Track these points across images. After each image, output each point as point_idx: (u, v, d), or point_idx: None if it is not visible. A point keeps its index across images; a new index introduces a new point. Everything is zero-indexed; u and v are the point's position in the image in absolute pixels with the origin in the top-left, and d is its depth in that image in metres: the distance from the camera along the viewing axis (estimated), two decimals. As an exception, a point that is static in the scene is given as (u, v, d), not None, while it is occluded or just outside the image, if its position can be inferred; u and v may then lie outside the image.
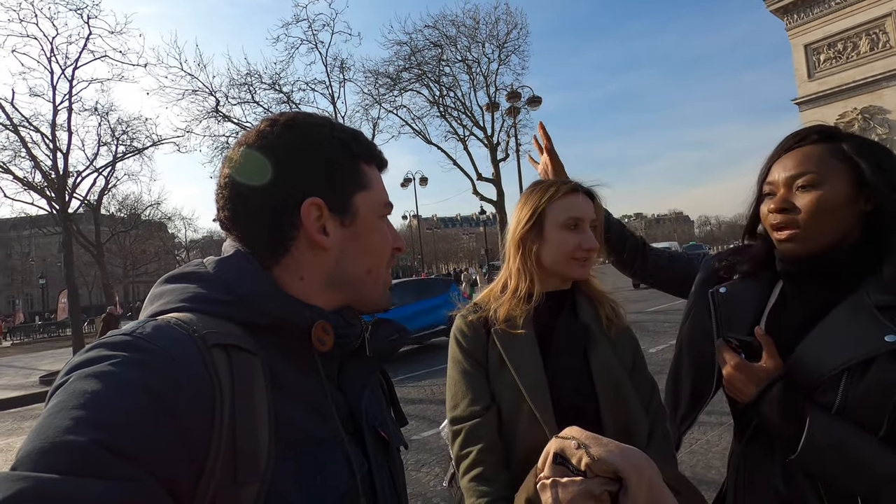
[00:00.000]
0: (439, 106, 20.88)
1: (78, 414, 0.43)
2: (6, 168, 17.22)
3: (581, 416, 1.02)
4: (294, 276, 0.63)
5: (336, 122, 0.70)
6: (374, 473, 0.65)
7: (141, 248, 32.99)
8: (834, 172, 0.93)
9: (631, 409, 1.08)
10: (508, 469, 1.06)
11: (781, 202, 0.97)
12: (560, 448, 0.73)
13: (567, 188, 1.19)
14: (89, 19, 17.02)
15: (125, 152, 20.09)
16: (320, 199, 0.63)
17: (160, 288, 0.61)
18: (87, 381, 0.45)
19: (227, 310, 0.57)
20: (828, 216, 0.92)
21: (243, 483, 0.49)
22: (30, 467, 0.40)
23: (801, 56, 21.82)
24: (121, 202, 28.06)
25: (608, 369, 1.10)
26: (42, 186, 17.87)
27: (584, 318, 1.16)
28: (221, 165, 0.66)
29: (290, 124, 0.65)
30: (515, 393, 1.08)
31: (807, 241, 0.94)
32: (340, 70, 18.28)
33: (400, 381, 7.25)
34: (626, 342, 1.18)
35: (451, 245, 77.94)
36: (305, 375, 0.60)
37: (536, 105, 19.26)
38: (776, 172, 0.99)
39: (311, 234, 0.63)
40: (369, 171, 0.69)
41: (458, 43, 20.60)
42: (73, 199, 18.76)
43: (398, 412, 0.81)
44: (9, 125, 16.56)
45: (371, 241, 0.68)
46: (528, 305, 1.15)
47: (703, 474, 3.53)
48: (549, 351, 1.12)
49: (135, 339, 0.50)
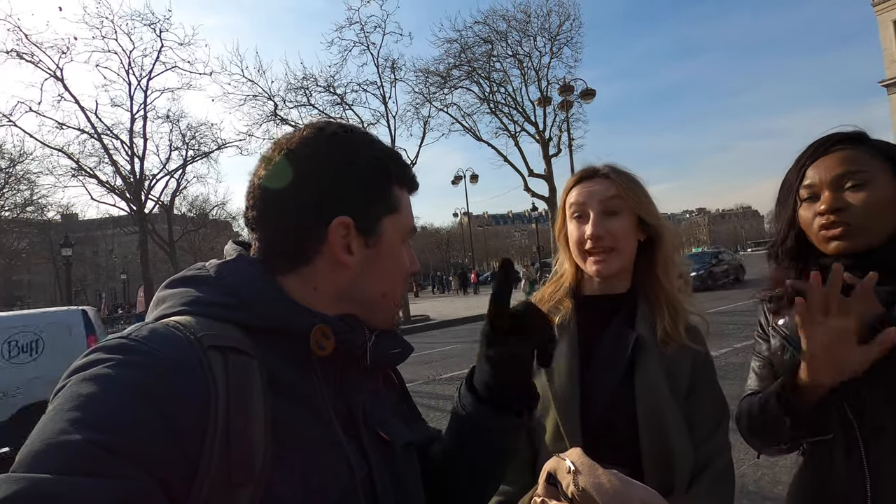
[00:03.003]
0: (490, 102, 20.74)
1: (73, 416, 0.44)
2: (92, 173, 18.92)
3: (614, 438, 0.95)
4: (308, 286, 0.63)
5: (377, 141, 0.70)
6: (374, 475, 0.64)
7: (209, 246, 35.25)
8: (879, 170, 0.94)
9: (675, 441, 0.95)
10: (532, 473, 1.01)
11: (833, 202, 0.94)
12: (554, 468, 0.66)
13: (575, 177, 1.11)
14: (161, 33, 18.37)
15: (194, 156, 21.55)
16: (350, 218, 0.62)
17: (163, 292, 0.62)
18: (83, 385, 0.46)
19: (227, 313, 0.58)
20: (880, 213, 0.92)
21: (238, 484, 0.49)
22: (26, 468, 0.41)
23: (889, 34, 19.81)
24: (191, 203, 30.22)
25: (652, 391, 0.97)
26: (122, 189, 19.47)
27: (639, 328, 1.02)
28: (258, 163, 0.66)
29: (333, 136, 0.65)
30: (545, 399, 1.01)
31: (861, 237, 0.93)
32: (392, 70, 18.59)
33: (448, 380, 7.28)
34: (683, 364, 1.01)
35: (502, 242, 77.51)
36: (305, 379, 0.60)
37: (590, 98, 18.71)
38: (816, 175, 0.98)
39: (336, 251, 0.62)
40: (401, 194, 0.69)
41: (508, 38, 20.36)
42: (149, 201, 20.34)
43: (412, 408, 0.80)
44: (94, 134, 18.17)
45: (391, 265, 0.68)
46: (571, 302, 1.09)
47: (769, 490, 3.28)
48: (591, 360, 1.03)
49: (130, 342, 0.51)
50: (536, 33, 20.34)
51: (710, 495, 0.95)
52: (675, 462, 0.94)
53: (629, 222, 1.04)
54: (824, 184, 0.96)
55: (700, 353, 1.03)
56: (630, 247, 1.05)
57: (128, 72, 18.80)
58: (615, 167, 1.08)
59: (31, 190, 23.98)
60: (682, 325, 1.02)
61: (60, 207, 27.70)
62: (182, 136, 20.80)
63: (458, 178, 26.76)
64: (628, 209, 1.04)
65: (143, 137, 19.40)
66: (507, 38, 20.33)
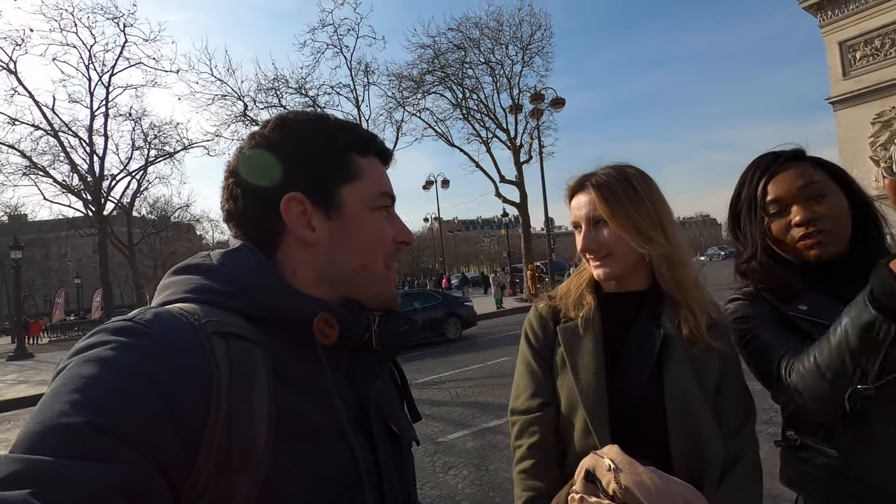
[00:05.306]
0: (462, 108, 20.94)
1: (74, 397, 0.43)
2: (46, 171, 17.97)
3: (644, 435, 0.96)
4: (286, 271, 0.64)
5: (331, 118, 0.70)
6: (381, 467, 0.64)
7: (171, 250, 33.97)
8: (829, 181, 1.04)
9: (705, 436, 0.95)
10: (561, 468, 1.04)
11: (807, 213, 1.01)
12: (592, 466, 0.68)
13: (569, 191, 1.13)
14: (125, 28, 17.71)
15: (157, 156, 20.80)
16: (300, 193, 0.63)
17: (167, 280, 0.62)
18: (85, 366, 0.46)
19: (229, 301, 0.57)
20: (844, 219, 1.02)
21: (239, 470, 0.49)
22: (25, 450, 0.40)
23: (835, 54, 21.09)
24: (152, 205, 29.06)
25: (681, 388, 0.97)
26: (79, 189, 18.57)
27: (666, 326, 1.02)
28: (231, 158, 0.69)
29: (278, 124, 0.66)
30: (573, 396, 1.03)
31: (835, 244, 1.01)
32: (365, 74, 18.56)
33: (424, 384, 7.27)
34: (712, 361, 1.00)
35: (472, 248, 77.79)
36: (309, 367, 0.60)
37: (560, 107, 19.12)
38: (780, 189, 1.05)
39: (295, 229, 0.63)
40: (364, 162, 0.68)
41: (481, 45, 20.67)
42: (108, 202, 19.47)
43: (412, 407, 0.80)
44: (49, 130, 17.29)
45: (362, 234, 0.66)
46: (594, 297, 1.09)
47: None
48: (619, 357, 1.03)
49: (134, 325, 0.50)
50: (508, 42, 20.74)
51: (741, 492, 0.96)
52: (705, 458, 0.95)
53: (621, 230, 1.03)
54: (791, 197, 1.02)
55: (727, 352, 1.03)
56: (626, 251, 1.03)
57: (88, 67, 18.05)
58: (602, 179, 1.06)
59: (-24, 189, 22.63)
60: (705, 323, 1.01)
61: (8, 208, 26.25)
62: (144, 135, 20.08)
63: (430, 182, 26.79)
64: (617, 218, 1.03)
65: (103, 135, 18.61)
66: (480, 46, 20.65)
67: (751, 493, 0.98)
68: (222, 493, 0.48)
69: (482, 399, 6.13)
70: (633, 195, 1.03)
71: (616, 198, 1.03)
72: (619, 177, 1.05)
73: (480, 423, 5.17)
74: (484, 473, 3.90)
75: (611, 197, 1.03)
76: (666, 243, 1.03)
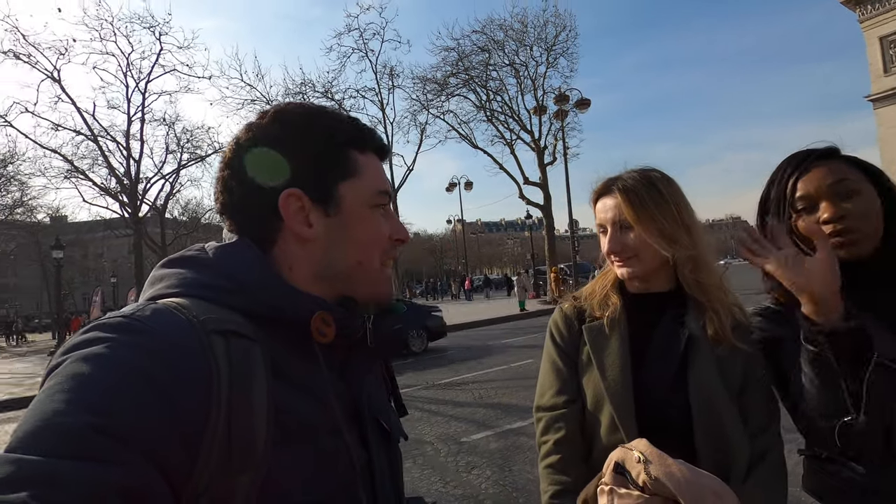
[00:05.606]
0: (486, 110, 20.93)
1: (71, 397, 0.42)
2: (86, 175, 18.77)
3: (670, 431, 0.96)
4: (283, 268, 0.63)
5: (329, 110, 0.68)
6: (373, 464, 0.64)
7: (201, 250, 34.80)
8: (862, 179, 1.00)
9: (730, 433, 0.97)
10: (587, 463, 1.05)
11: (836, 209, 0.97)
12: (622, 458, 0.69)
13: (594, 194, 1.14)
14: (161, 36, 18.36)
15: (189, 159, 21.42)
16: (299, 189, 0.62)
17: (159, 272, 0.60)
18: (82, 364, 0.44)
19: (227, 297, 0.56)
20: (875, 219, 0.98)
21: (239, 470, 0.48)
22: (21, 450, 0.39)
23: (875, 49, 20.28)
24: (184, 207, 29.99)
25: (706, 386, 0.98)
26: (116, 192, 19.32)
27: (690, 326, 1.03)
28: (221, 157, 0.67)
29: (276, 116, 0.65)
30: (599, 393, 1.05)
31: (865, 243, 0.97)
32: (390, 77, 18.80)
33: (447, 385, 7.29)
34: (736, 363, 1.01)
35: (495, 250, 77.46)
36: (307, 365, 0.59)
37: (585, 108, 18.93)
38: (809, 187, 1.01)
39: (292, 225, 0.62)
40: (362, 158, 0.66)
41: (505, 47, 20.63)
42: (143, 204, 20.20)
43: (399, 403, 0.79)
44: (89, 135, 18.05)
45: (360, 232, 0.65)
46: (619, 298, 1.11)
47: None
48: (644, 355, 1.05)
49: (132, 321, 0.49)
50: (533, 43, 20.63)
51: (767, 487, 0.97)
52: (731, 454, 0.96)
53: (647, 233, 1.04)
54: (821, 194, 0.99)
55: (752, 354, 1.04)
56: (651, 253, 1.04)
57: (125, 74, 18.78)
58: (627, 182, 1.07)
59: (22, 191, 23.78)
60: (730, 324, 1.02)
61: (50, 209, 27.45)
62: (177, 139, 20.73)
63: (453, 185, 26.86)
64: (643, 223, 1.04)
65: (139, 140, 19.32)
66: (504, 48, 20.61)
67: (777, 488, 0.99)
68: (222, 493, 0.48)
69: (506, 400, 6.11)
70: (658, 199, 1.04)
71: (642, 202, 1.04)
72: (645, 181, 1.06)
73: (504, 424, 5.17)
74: (507, 474, 3.90)
75: (637, 201, 1.04)
76: (691, 245, 1.04)
